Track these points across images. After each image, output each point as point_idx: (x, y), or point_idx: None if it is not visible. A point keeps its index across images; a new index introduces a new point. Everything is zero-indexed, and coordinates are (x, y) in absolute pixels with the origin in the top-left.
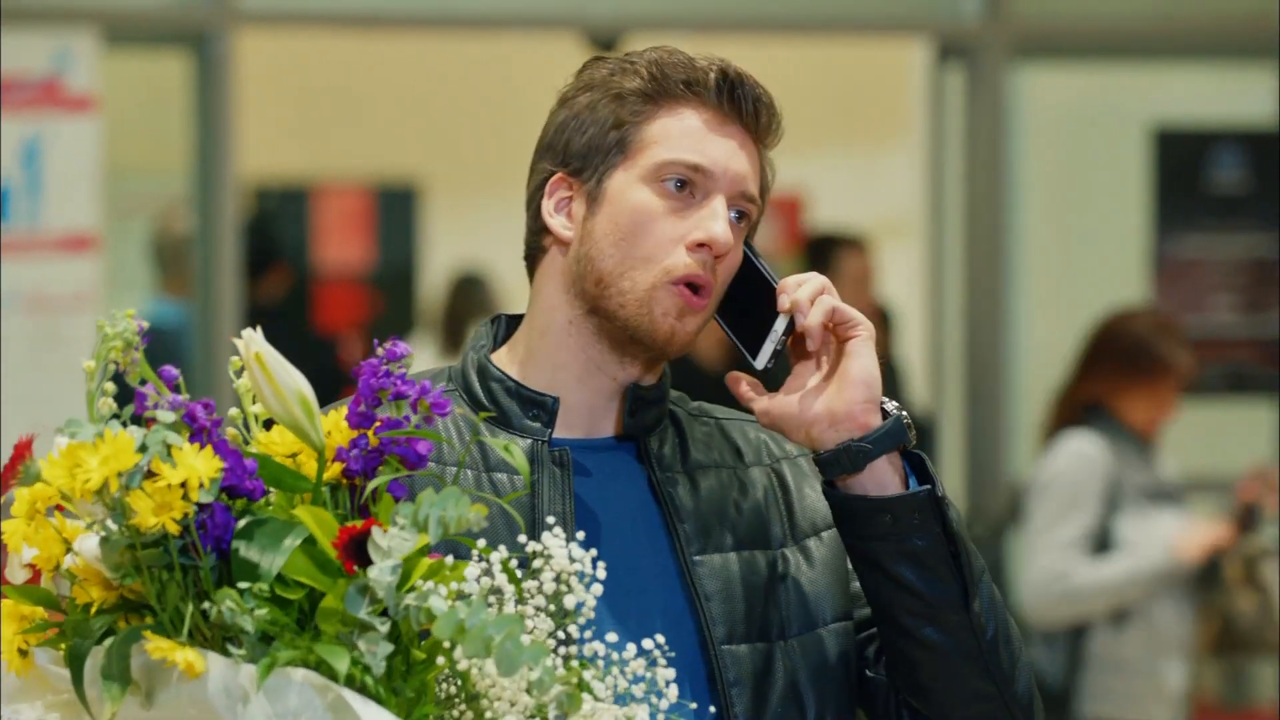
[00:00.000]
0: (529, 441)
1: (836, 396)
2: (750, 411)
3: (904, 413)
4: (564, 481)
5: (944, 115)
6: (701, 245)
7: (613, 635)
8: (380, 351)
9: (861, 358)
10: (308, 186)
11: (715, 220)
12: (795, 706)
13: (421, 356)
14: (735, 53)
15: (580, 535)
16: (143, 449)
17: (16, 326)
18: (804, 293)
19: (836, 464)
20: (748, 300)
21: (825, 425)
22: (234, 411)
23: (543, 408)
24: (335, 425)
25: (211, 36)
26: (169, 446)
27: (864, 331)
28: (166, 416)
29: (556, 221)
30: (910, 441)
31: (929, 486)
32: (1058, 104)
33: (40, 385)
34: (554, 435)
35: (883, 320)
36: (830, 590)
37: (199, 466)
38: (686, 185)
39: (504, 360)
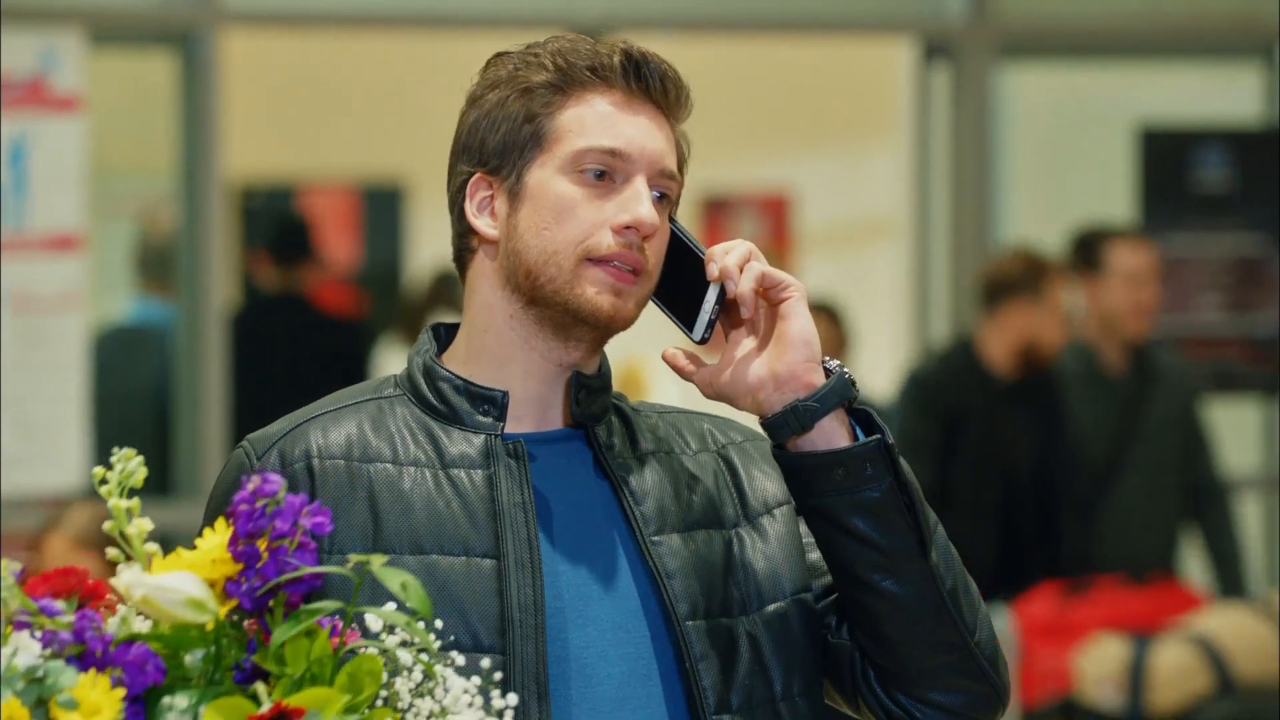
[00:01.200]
0: (483, 437)
1: (777, 359)
2: (694, 384)
3: (845, 369)
4: (520, 472)
5: (929, 114)
6: (628, 227)
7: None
8: (251, 487)
9: (798, 318)
10: (294, 186)
11: (639, 201)
12: (762, 679)
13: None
14: (721, 52)
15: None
16: (39, 704)
17: (2, 326)
18: (732, 260)
19: (785, 425)
20: (677, 275)
21: (770, 389)
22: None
23: (493, 403)
24: (219, 556)
25: (197, 36)
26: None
27: (796, 293)
28: (30, 658)
29: (481, 222)
30: (855, 396)
31: (879, 436)
32: (1043, 103)
33: (26, 385)
34: (505, 430)
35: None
36: (788, 564)
37: (103, 708)
38: (606, 173)
39: (448, 363)
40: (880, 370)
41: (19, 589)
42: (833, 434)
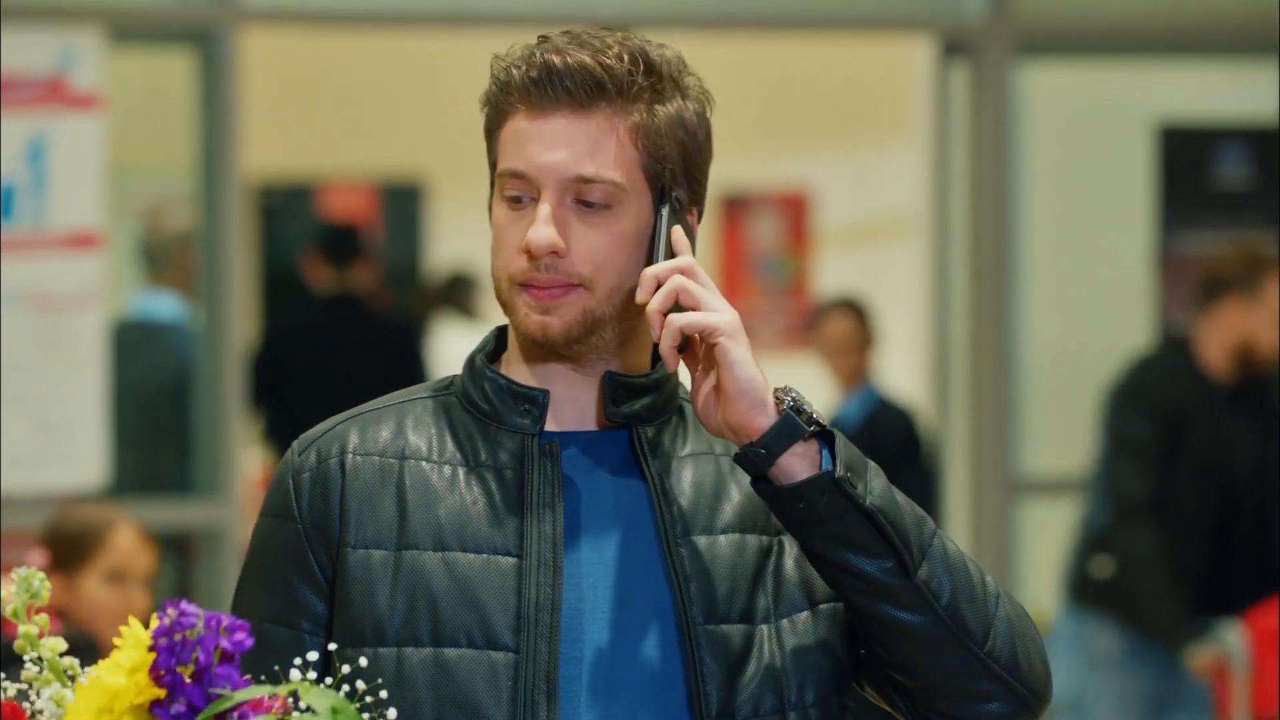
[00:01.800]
0: (520, 437)
1: (725, 409)
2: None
3: (795, 401)
4: (553, 471)
5: (948, 112)
6: (526, 251)
7: None
8: (169, 620)
9: (731, 367)
10: (313, 184)
11: (534, 224)
12: (772, 688)
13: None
14: (739, 50)
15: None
16: None
17: (21, 325)
18: (654, 304)
19: (746, 469)
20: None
21: (730, 434)
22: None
23: (533, 402)
24: (143, 683)
25: (216, 35)
26: None
27: (722, 337)
28: None
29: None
30: (804, 433)
31: (831, 469)
32: (1062, 101)
33: (45, 383)
34: (546, 428)
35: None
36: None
37: None
38: (522, 197)
39: (503, 363)
40: (898, 368)
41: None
42: (791, 469)
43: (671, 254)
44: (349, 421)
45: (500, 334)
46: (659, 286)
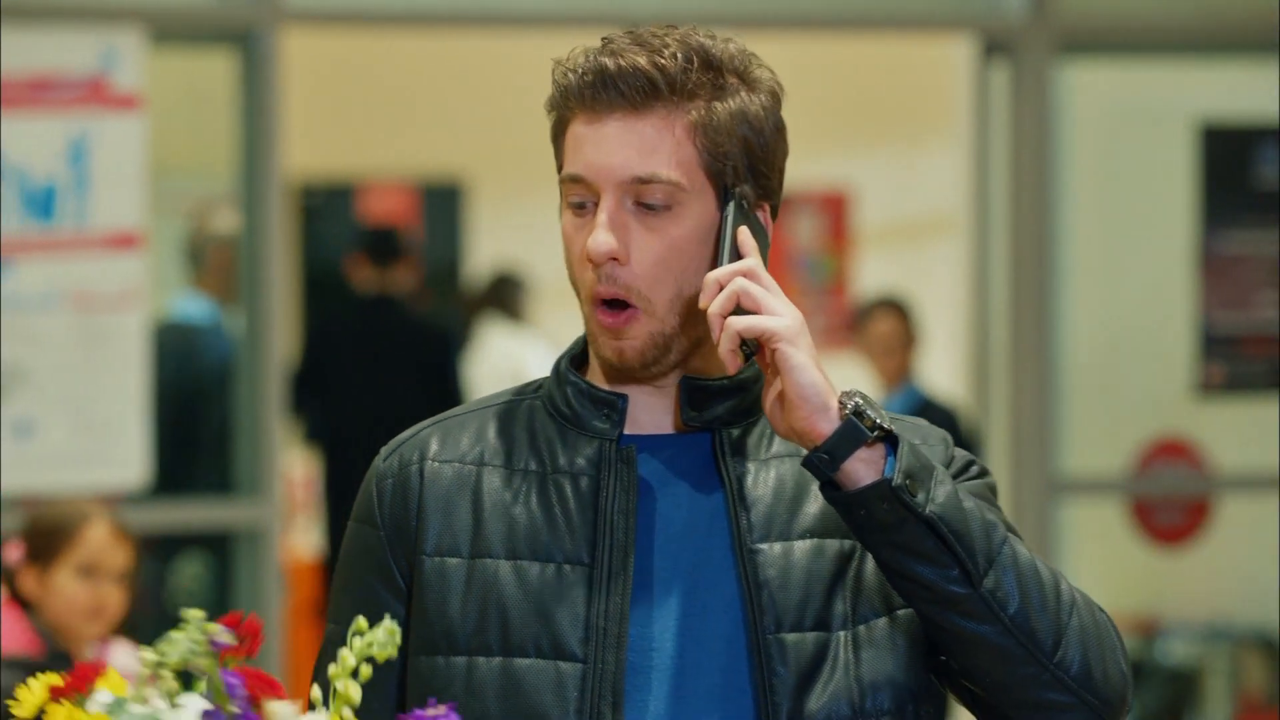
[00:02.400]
0: (598, 442)
1: (788, 415)
2: None
3: (855, 404)
4: (629, 478)
5: (989, 112)
6: (588, 260)
7: None
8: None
9: (791, 373)
10: (353, 184)
11: (591, 231)
12: (846, 696)
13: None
14: (779, 50)
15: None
16: None
17: (62, 325)
18: (714, 308)
19: (812, 473)
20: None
21: (796, 438)
22: None
23: (612, 407)
24: None
25: (257, 35)
26: None
27: (781, 342)
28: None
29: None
30: (867, 438)
31: (888, 477)
32: (1103, 100)
33: (86, 383)
34: (625, 433)
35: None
36: None
37: None
38: (582, 204)
39: (591, 367)
40: (939, 368)
41: (215, 660)
42: (856, 473)
43: (737, 254)
44: (433, 427)
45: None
46: (721, 290)
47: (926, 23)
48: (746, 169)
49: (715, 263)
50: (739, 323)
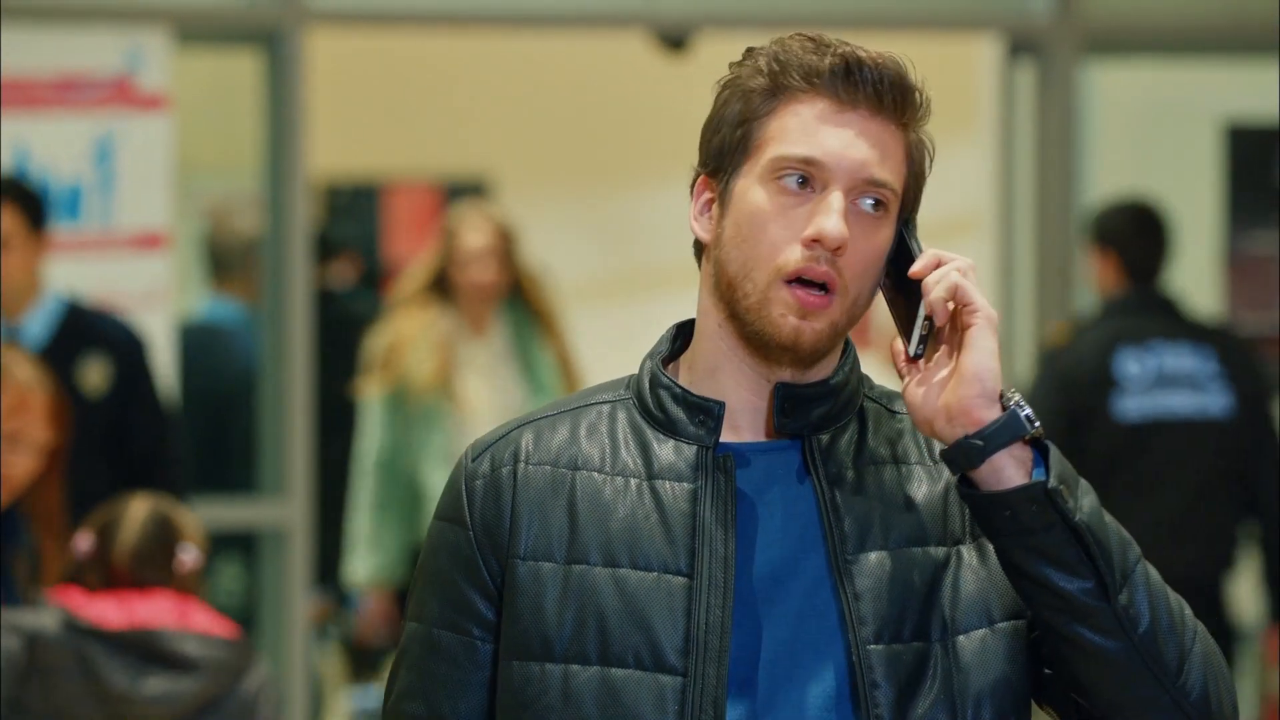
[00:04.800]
0: (694, 448)
1: (953, 391)
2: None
3: (1017, 401)
4: (726, 487)
5: (1014, 112)
6: (814, 240)
7: None
8: None
9: (976, 350)
10: (378, 184)
11: (827, 215)
12: (946, 708)
13: None
14: None
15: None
16: None
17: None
18: (933, 276)
19: (954, 461)
20: (909, 281)
21: (944, 421)
22: None
23: (708, 413)
24: None
25: (282, 35)
26: None
27: (981, 319)
28: None
29: (699, 225)
30: (1027, 433)
31: (1045, 478)
32: (1128, 100)
33: None
34: (721, 440)
35: None
36: (1003, 589)
37: None
38: (807, 181)
39: (679, 366)
40: None
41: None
42: (1004, 473)
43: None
44: (524, 427)
45: (676, 335)
46: (939, 266)
47: (952, 23)
48: (917, 195)
49: (888, 276)
50: (959, 279)
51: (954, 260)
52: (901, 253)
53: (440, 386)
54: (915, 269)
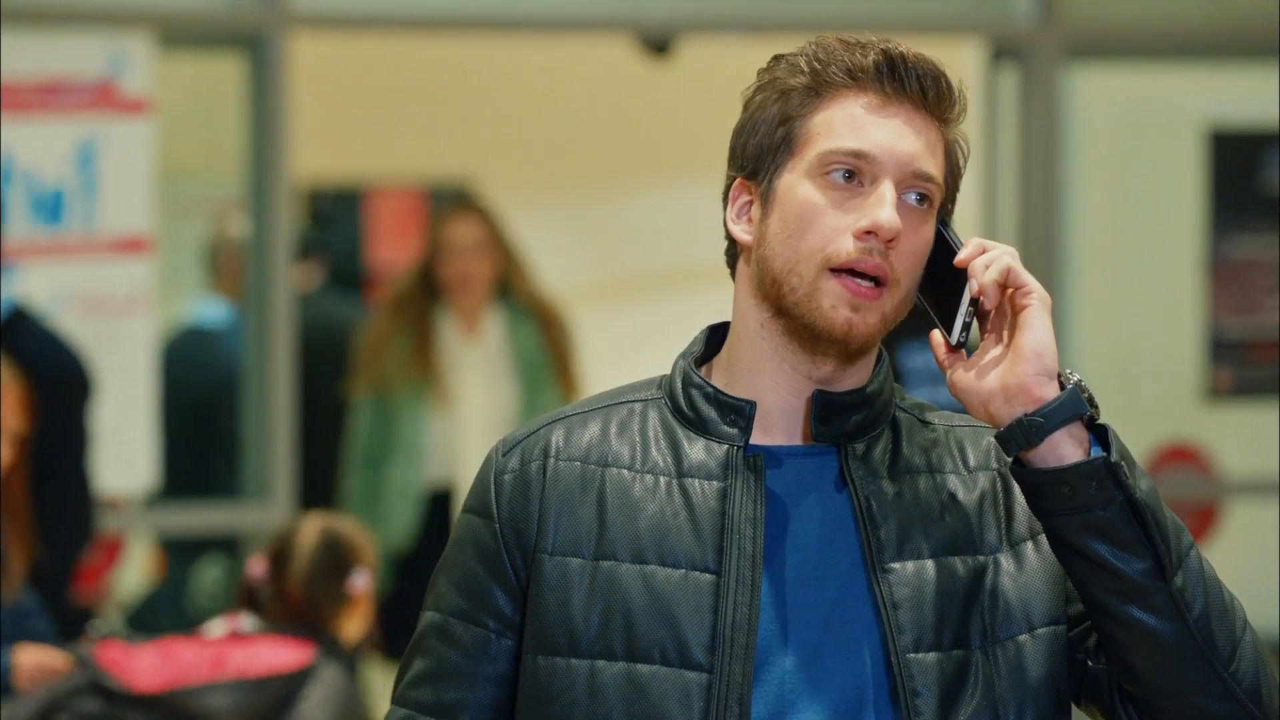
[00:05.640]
0: (725, 448)
1: (1009, 370)
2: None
3: (1082, 383)
4: (757, 487)
5: (997, 116)
6: (868, 232)
7: None
8: None
9: (1033, 329)
10: (361, 188)
11: (881, 206)
12: (988, 715)
13: None
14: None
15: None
16: None
17: (71, 328)
18: (980, 260)
19: (1013, 440)
20: (944, 276)
21: (1000, 401)
22: None
23: (740, 413)
24: None
25: (265, 39)
26: None
27: (1036, 300)
28: None
29: (738, 228)
30: (1088, 412)
31: (1105, 454)
32: (1111, 105)
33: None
34: (753, 440)
35: None
36: (1041, 594)
37: None
38: (854, 175)
39: (712, 367)
40: None
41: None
42: (1062, 450)
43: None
44: (555, 424)
45: (710, 336)
46: (984, 253)
47: (935, 27)
48: (954, 192)
49: (931, 271)
50: (1013, 261)
51: (999, 246)
52: (939, 246)
53: (424, 387)
54: (962, 256)
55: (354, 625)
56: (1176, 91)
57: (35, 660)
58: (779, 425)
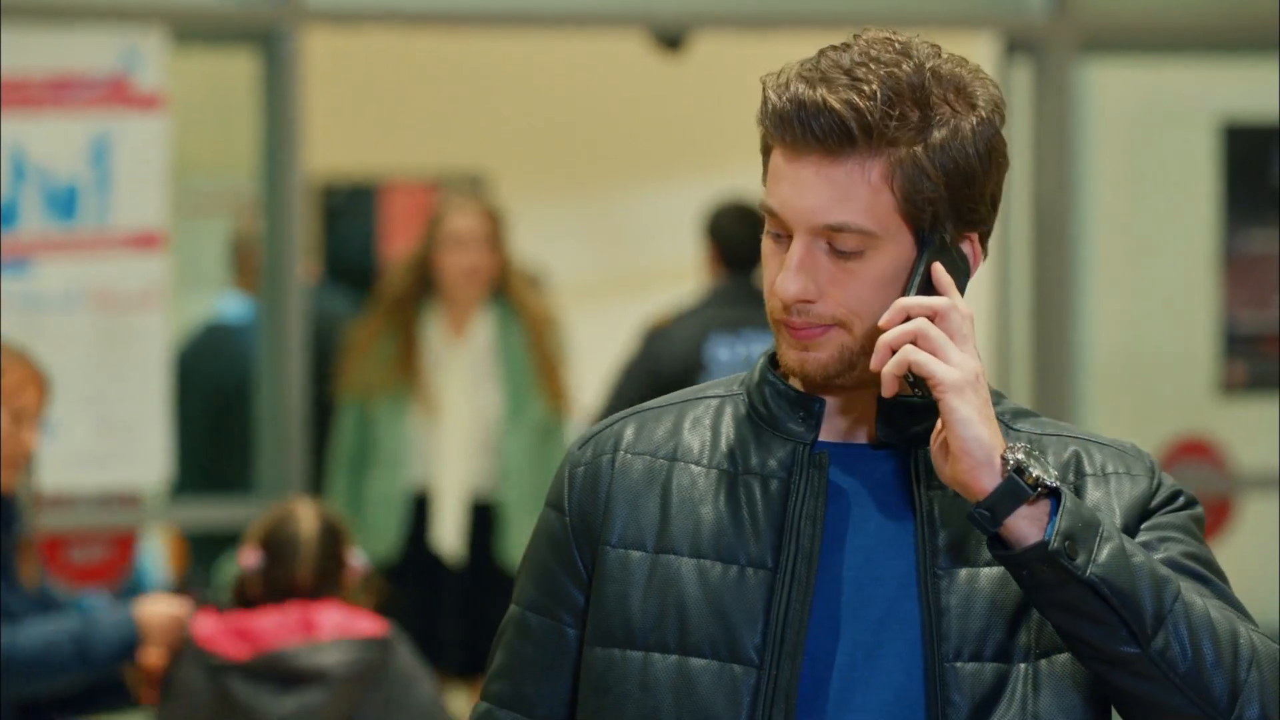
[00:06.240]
0: (791, 445)
1: (950, 466)
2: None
3: (1016, 461)
4: (819, 484)
5: (1011, 111)
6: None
7: None
8: None
9: (955, 426)
10: (375, 183)
11: (783, 271)
12: None
13: None
14: (800, 50)
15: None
16: None
17: (84, 325)
18: (886, 337)
19: (978, 527)
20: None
21: (959, 490)
22: None
23: (808, 411)
24: None
25: (279, 35)
26: None
27: (947, 393)
28: None
29: None
30: (1028, 496)
31: (1045, 541)
32: (1125, 99)
33: (108, 383)
34: (822, 438)
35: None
36: None
37: None
38: (778, 234)
39: None
40: None
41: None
42: (1020, 533)
43: (931, 293)
44: (630, 418)
45: None
46: (906, 319)
47: (948, 22)
48: (949, 204)
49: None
50: (912, 354)
51: (915, 320)
52: (948, 264)
53: (407, 393)
54: (880, 322)
55: (359, 599)
56: (1190, 85)
57: (162, 611)
58: (847, 424)
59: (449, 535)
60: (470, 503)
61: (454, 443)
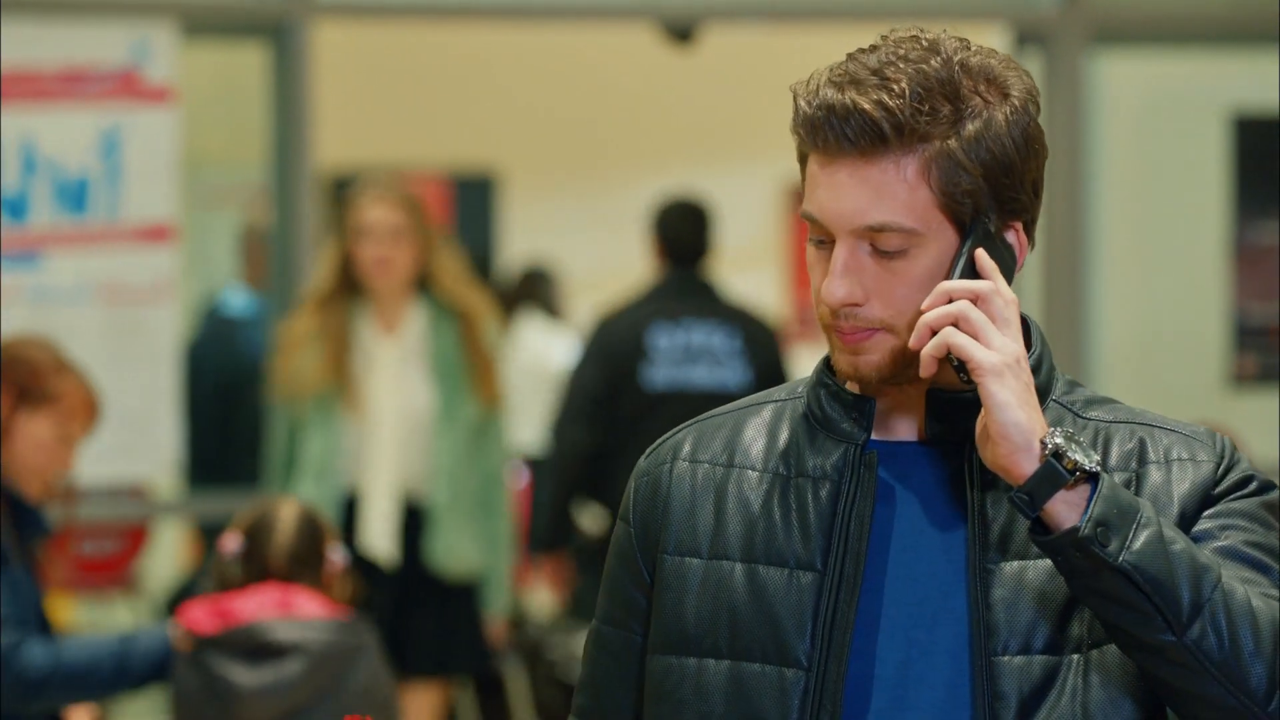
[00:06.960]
0: (844, 446)
1: (990, 451)
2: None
3: (1054, 445)
4: (869, 484)
5: None
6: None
7: None
8: None
9: (993, 410)
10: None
11: (828, 277)
12: None
13: None
14: (807, 42)
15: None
16: None
17: (95, 317)
18: (927, 317)
19: (1020, 513)
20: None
21: (1001, 475)
22: None
23: (860, 411)
24: None
25: (289, 27)
26: None
27: (985, 376)
28: None
29: None
30: (1067, 480)
31: (1076, 527)
32: (1136, 91)
33: (118, 375)
34: (875, 437)
35: None
36: None
37: None
38: (821, 240)
39: None
40: None
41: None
42: (1059, 518)
43: (975, 275)
44: (691, 428)
45: None
46: (949, 301)
47: (959, 14)
48: (989, 195)
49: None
50: (952, 336)
51: (948, 306)
52: (992, 252)
53: (336, 395)
54: (923, 305)
55: (336, 594)
56: (1201, 77)
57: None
58: (899, 422)
59: (379, 537)
60: (402, 504)
61: (384, 443)
